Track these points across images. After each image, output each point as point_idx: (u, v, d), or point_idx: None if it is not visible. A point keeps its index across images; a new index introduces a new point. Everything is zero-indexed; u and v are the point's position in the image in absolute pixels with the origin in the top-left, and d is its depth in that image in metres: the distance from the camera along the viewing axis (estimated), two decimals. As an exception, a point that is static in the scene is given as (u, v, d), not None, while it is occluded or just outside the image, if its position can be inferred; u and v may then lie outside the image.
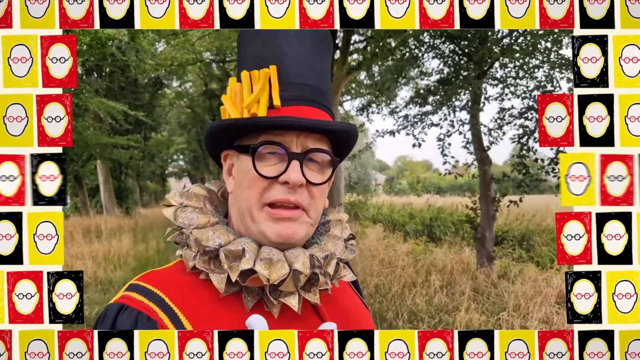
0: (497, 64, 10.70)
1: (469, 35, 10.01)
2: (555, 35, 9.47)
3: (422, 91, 11.97)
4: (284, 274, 1.26)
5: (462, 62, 10.90)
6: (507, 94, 10.88)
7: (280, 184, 1.31)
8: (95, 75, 22.72)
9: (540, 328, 6.99)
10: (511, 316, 7.87)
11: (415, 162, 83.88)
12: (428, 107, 12.00)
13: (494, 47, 10.04)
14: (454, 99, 11.54)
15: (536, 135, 10.21)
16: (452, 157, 11.33)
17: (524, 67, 10.56)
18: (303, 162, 1.31)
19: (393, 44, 11.40)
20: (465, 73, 10.75)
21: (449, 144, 11.47)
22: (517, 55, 10.08)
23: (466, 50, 10.64)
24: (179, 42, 16.64)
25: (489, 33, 9.83)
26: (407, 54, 11.25)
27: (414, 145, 12.55)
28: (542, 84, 10.24)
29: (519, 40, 10.01)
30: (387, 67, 11.58)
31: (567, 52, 9.93)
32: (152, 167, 35.86)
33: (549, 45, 9.85)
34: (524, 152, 10.40)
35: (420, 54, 11.37)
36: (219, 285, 1.29)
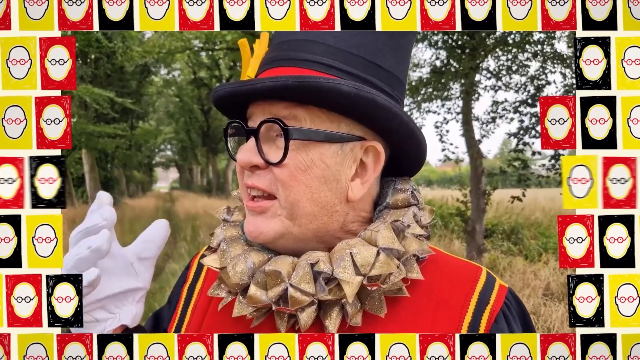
0: (490, 57, 10.69)
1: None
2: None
3: (414, 83, 11.95)
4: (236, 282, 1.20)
5: (455, 53, 10.86)
6: (500, 87, 10.86)
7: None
8: (80, 61, 22.44)
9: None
10: (499, 308, 7.86)
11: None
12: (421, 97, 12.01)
13: (486, 39, 10.04)
14: (446, 92, 11.54)
15: (532, 132, 10.25)
16: (451, 143, 11.31)
17: (517, 60, 10.56)
18: (259, 137, 1.13)
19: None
20: (457, 65, 10.73)
21: (447, 131, 11.46)
22: (510, 48, 10.08)
23: (459, 42, 10.62)
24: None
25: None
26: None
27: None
28: (538, 76, 10.24)
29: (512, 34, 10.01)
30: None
31: (560, 46, 9.97)
32: (139, 157, 35.68)
33: (541, 36, 9.86)
34: (520, 146, 10.41)
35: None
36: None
